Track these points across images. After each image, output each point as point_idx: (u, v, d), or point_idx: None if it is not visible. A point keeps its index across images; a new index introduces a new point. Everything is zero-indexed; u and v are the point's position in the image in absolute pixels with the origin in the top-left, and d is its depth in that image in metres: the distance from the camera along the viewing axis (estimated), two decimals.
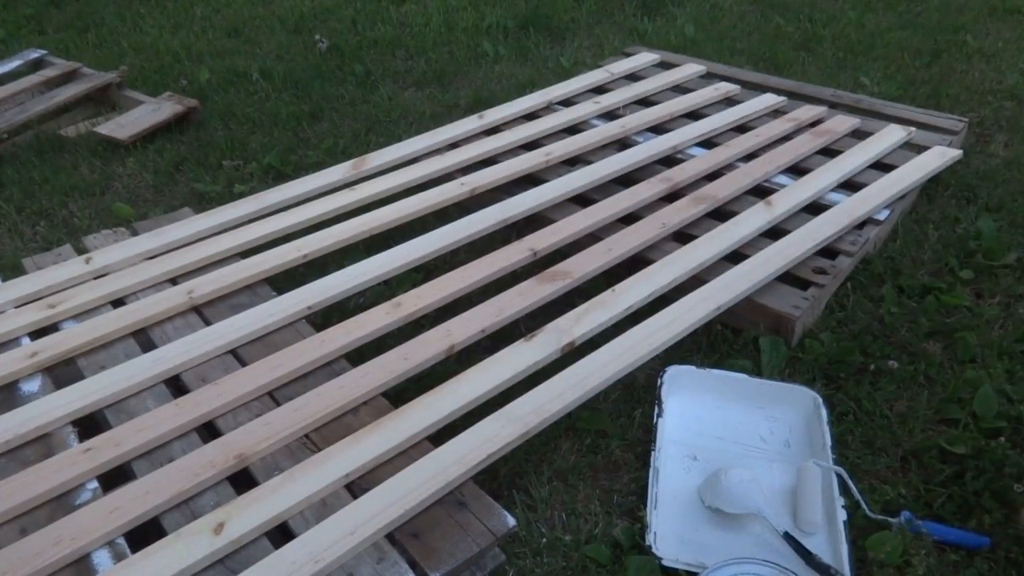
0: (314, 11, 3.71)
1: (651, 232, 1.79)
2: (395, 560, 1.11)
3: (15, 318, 1.60)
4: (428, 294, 1.62)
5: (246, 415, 1.37)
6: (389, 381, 1.42)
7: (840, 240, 1.79)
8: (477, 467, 1.24)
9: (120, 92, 2.88)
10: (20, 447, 1.33)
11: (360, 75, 3.03)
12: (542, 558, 1.26)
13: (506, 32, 3.38)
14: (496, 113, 2.40)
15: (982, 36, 3.05)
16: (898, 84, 2.70)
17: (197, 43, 3.43)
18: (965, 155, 2.18)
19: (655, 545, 1.22)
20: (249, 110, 2.78)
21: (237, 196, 2.19)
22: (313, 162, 2.43)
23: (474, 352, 1.53)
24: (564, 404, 1.35)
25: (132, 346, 1.54)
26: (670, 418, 1.45)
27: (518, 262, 1.72)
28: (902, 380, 1.54)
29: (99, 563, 1.14)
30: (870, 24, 3.23)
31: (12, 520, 1.20)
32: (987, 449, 1.37)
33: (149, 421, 1.34)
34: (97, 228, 2.12)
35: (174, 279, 1.73)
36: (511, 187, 2.04)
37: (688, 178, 2.01)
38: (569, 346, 1.48)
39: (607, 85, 2.60)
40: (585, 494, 1.36)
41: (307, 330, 1.57)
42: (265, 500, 1.19)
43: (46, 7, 4.00)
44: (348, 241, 1.82)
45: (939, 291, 1.74)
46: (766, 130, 2.23)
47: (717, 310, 1.57)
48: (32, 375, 1.47)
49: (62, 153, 2.55)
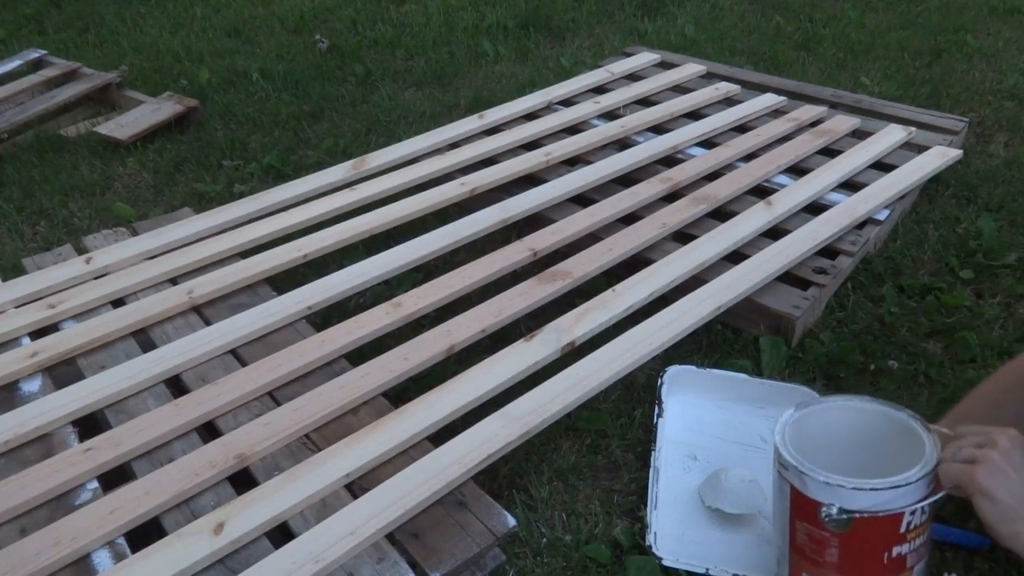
0: (314, 11, 3.71)
1: (651, 232, 1.79)
2: (395, 560, 1.11)
3: (15, 318, 1.60)
4: (428, 294, 1.62)
5: (246, 415, 1.37)
6: (389, 381, 1.42)
7: (840, 240, 1.79)
8: (477, 467, 1.24)
9: (120, 92, 2.88)
10: (20, 447, 1.33)
11: (360, 75, 3.03)
12: (542, 558, 1.26)
13: (506, 32, 3.38)
14: (496, 113, 2.40)
15: (982, 36, 3.05)
16: (898, 84, 2.70)
17: (197, 43, 3.43)
18: (965, 155, 2.18)
19: (655, 545, 1.22)
20: (249, 110, 2.78)
21: (237, 196, 2.19)
22: (313, 162, 2.43)
23: (474, 352, 1.53)
24: (564, 404, 1.35)
25: (132, 346, 1.54)
26: (670, 418, 1.45)
27: (518, 262, 1.72)
28: (902, 380, 1.54)
29: (99, 563, 1.13)
30: (870, 24, 3.23)
31: (12, 520, 1.20)
32: None
33: (149, 421, 1.34)
34: (97, 228, 2.12)
35: (174, 279, 1.73)
36: (511, 187, 2.04)
37: (688, 178, 2.01)
38: (569, 346, 1.48)
39: (607, 85, 2.60)
40: (585, 494, 1.36)
41: (307, 330, 1.57)
42: (265, 500, 1.19)
43: (46, 7, 4.00)
44: (348, 241, 1.82)
45: (939, 291, 1.74)
46: (766, 130, 2.23)
47: (717, 310, 1.57)
48: (32, 375, 1.47)
49: (62, 153, 2.55)
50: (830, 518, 0.93)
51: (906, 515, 0.92)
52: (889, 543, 0.94)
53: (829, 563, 0.97)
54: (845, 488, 0.92)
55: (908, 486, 0.91)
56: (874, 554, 0.94)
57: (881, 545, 0.94)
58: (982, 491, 0.90)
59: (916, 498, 0.92)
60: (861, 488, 0.92)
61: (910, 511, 0.92)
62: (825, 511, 0.93)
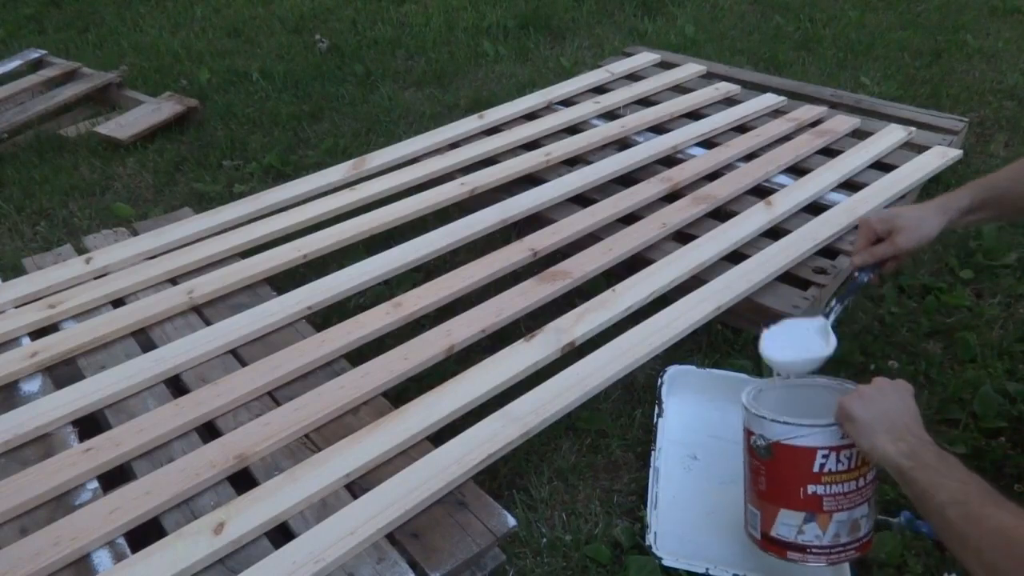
0: (314, 11, 3.71)
1: (651, 232, 1.79)
2: (395, 560, 1.11)
3: (15, 318, 1.60)
4: (428, 294, 1.62)
5: (246, 415, 1.37)
6: (389, 381, 1.42)
7: (840, 240, 1.79)
8: (477, 467, 1.24)
9: (120, 92, 2.88)
10: (20, 447, 1.32)
11: (360, 75, 3.03)
12: (542, 558, 1.26)
13: (506, 32, 3.38)
14: (496, 113, 2.40)
15: (982, 36, 3.05)
16: (898, 84, 2.70)
17: (197, 43, 3.43)
18: (965, 155, 2.18)
19: (655, 545, 1.23)
20: (249, 110, 2.78)
21: (237, 196, 2.19)
22: (313, 162, 2.43)
23: (474, 352, 1.53)
24: (564, 404, 1.34)
25: (132, 346, 1.54)
26: (670, 418, 1.45)
27: (518, 262, 1.72)
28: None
29: (99, 563, 1.13)
30: (870, 24, 3.23)
31: (12, 520, 1.20)
32: (987, 449, 1.37)
33: (149, 421, 1.34)
34: (97, 228, 2.12)
35: (174, 279, 1.73)
36: (511, 187, 2.04)
37: (688, 178, 2.01)
38: (569, 346, 1.48)
39: (607, 85, 2.60)
40: (585, 494, 1.36)
41: (307, 330, 1.57)
42: (265, 500, 1.19)
43: (46, 7, 4.00)
44: (348, 241, 1.82)
45: (939, 291, 1.74)
46: (766, 130, 2.23)
47: (717, 310, 1.57)
48: (32, 375, 1.47)
49: (62, 153, 2.55)
50: (757, 445, 1.10)
51: (818, 454, 1.05)
52: (805, 479, 1.07)
53: (762, 491, 1.12)
54: (766, 419, 1.09)
55: (818, 427, 1.05)
56: (792, 485, 1.08)
57: (796, 478, 1.07)
58: (845, 415, 1.02)
59: (826, 440, 1.05)
60: (777, 420, 1.08)
61: (822, 452, 1.05)
62: (755, 439, 1.10)
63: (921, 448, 0.95)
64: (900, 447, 0.96)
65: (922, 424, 1.00)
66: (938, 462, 0.93)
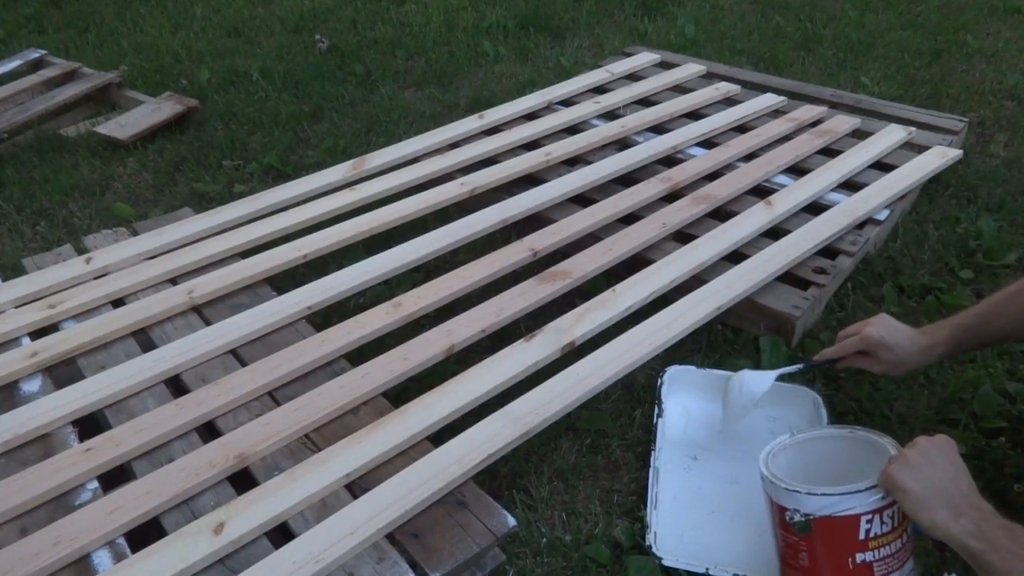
0: (314, 11, 3.71)
1: (651, 232, 1.79)
2: (395, 560, 1.11)
3: (15, 318, 1.60)
4: (428, 294, 1.62)
5: (246, 415, 1.37)
6: (389, 381, 1.42)
7: (840, 240, 1.79)
8: (477, 467, 1.24)
9: (120, 92, 2.88)
10: (20, 447, 1.33)
11: (360, 75, 3.03)
12: (542, 558, 1.26)
13: (506, 32, 3.38)
14: (496, 113, 2.40)
15: (982, 36, 3.05)
16: (898, 84, 2.70)
17: (197, 43, 3.43)
18: (965, 155, 2.18)
19: (655, 545, 1.22)
20: (249, 110, 2.78)
21: (237, 196, 2.19)
22: (313, 162, 2.43)
23: (474, 352, 1.53)
24: (564, 404, 1.34)
25: (132, 346, 1.54)
26: (670, 418, 1.45)
27: (518, 262, 1.72)
28: (902, 380, 1.54)
29: (99, 563, 1.13)
30: (870, 24, 3.23)
31: (12, 520, 1.20)
32: (987, 449, 1.37)
33: (149, 421, 1.34)
34: (97, 228, 2.12)
35: (174, 279, 1.73)
36: (511, 187, 2.04)
37: (688, 178, 2.01)
38: (569, 346, 1.48)
39: (607, 85, 2.60)
40: (585, 494, 1.36)
41: (307, 330, 1.57)
42: (265, 500, 1.19)
43: (46, 7, 4.00)
44: (348, 241, 1.82)
45: (939, 291, 1.74)
46: (766, 130, 2.23)
47: (717, 310, 1.57)
48: (32, 375, 1.47)
49: (62, 153, 2.55)
50: (794, 521, 1.03)
51: (862, 521, 0.99)
52: (851, 548, 1.00)
53: (803, 567, 1.05)
54: (801, 493, 1.02)
55: (858, 492, 0.99)
56: (838, 558, 1.02)
57: (842, 549, 1.01)
58: (894, 485, 0.97)
59: (869, 505, 0.99)
60: (814, 492, 1.01)
61: (865, 518, 0.99)
62: (790, 515, 1.03)
63: (986, 524, 0.90)
64: (964, 524, 0.91)
65: (976, 489, 0.96)
66: (1010, 541, 0.88)
